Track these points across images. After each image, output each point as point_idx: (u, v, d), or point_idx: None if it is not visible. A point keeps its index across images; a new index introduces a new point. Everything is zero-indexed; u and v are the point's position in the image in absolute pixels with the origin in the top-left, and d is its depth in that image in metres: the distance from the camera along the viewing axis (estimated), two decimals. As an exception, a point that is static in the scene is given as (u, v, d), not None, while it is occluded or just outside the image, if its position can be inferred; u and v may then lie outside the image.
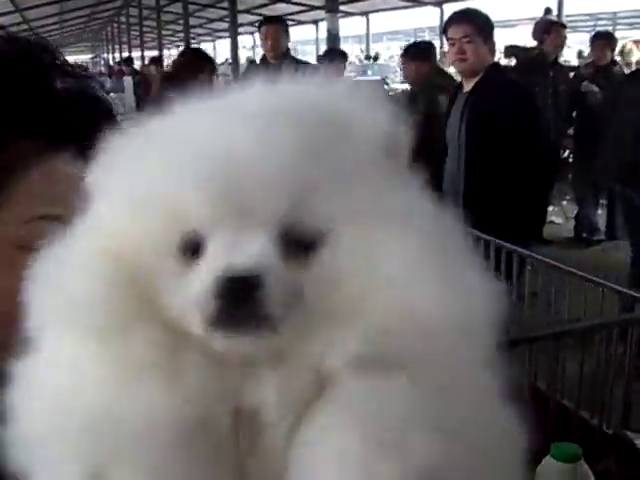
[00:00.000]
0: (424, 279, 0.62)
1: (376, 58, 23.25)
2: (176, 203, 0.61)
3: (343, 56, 8.99)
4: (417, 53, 6.42)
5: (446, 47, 4.83)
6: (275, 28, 6.44)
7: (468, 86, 4.22)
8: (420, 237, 0.64)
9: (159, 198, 0.62)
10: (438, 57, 8.36)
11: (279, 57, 6.39)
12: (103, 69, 24.00)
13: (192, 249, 0.62)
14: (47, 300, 0.65)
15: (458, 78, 4.99)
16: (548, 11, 12.81)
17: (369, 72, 19.65)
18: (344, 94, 0.68)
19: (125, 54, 30.82)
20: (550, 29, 7.85)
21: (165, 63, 16.68)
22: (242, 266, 0.59)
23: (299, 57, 6.72)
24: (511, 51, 10.74)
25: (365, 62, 21.57)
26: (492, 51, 4.28)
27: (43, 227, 0.89)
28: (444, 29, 4.33)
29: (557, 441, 1.62)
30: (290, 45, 6.68)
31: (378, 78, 19.51)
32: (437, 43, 9.49)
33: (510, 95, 4.14)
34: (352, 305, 0.62)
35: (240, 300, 0.59)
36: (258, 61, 6.79)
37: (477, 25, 4.16)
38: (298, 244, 0.62)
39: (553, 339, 2.19)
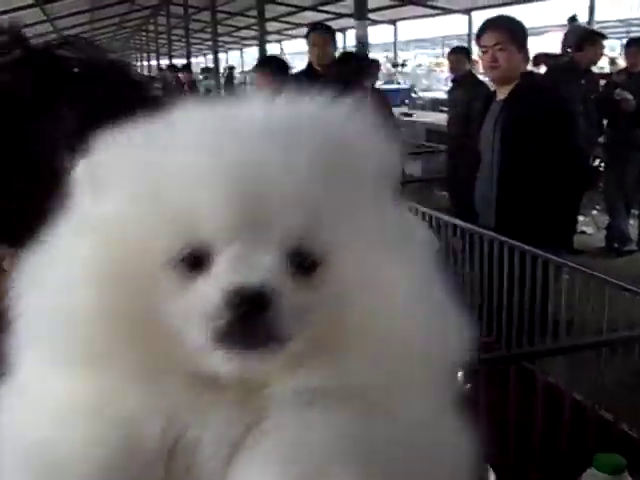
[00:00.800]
0: (424, 310, 0.63)
1: (403, 65, 23.28)
2: (188, 210, 0.59)
3: (375, 65, 8.98)
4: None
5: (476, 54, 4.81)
6: (323, 35, 6.40)
7: (501, 94, 4.19)
8: (417, 266, 0.64)
9: (170, 202, 0.59)
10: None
11: (326, 65, 6.30)
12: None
13: (197, 260, 0.60)
14: (29, 314, 0.62)
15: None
16: (574, 19, 12.58)
17: (398, 80, 19.70)
18: (352, 116, 0.67)
19: (153, 62, 31.06)
20: (588, 39, 7.77)
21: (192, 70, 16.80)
22: (254, 282, 0.58)
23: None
24: (541, 59, 10.66)
25: (392, 70, 21.62)
26: (526, 59, 4.26)
27: None
28: (477, 36, 4.30)
29: (598, 452, 1.59)
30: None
31: (406, 86, 19.62)
32: (466, 51, 9.43)
33: (546, 102, 4.10)
34: (353, 330, 0.61)
35: (251, 316, 0.57)
36: (304, 68, 6.76)
37: (511, 32, 4.12)
38: (306, 264, 0.61)
39: (592, 349, 2.16)
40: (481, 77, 8.24)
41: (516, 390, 2.05)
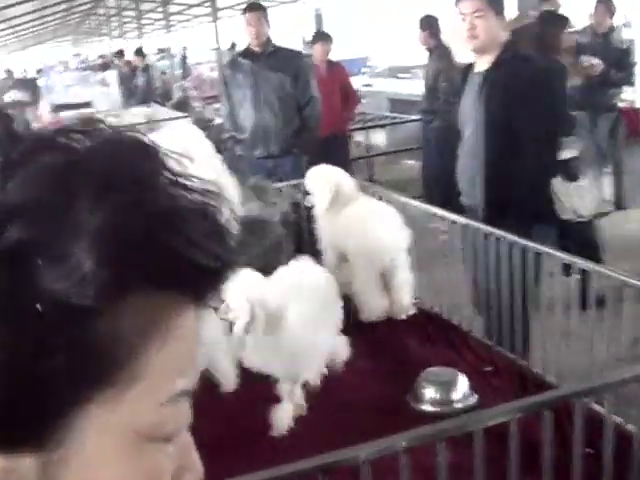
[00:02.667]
0: None
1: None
2: None
3: (328, 38, 8.74)
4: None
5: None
6: (258, 15, 6.29)
7: (482, 65, 3.98)
8: None
9: None
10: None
11: (263, 45, 6.26)
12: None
13: None
14: None
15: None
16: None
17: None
18: None
19: (105, 46, 30.46)
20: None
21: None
22: None
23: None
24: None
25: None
26: (503, 25, 4.04)
27: (180, 406, 0.64)
28: (455, 3, 4.04)
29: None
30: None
31: (360, 55, 19.33)
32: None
33: (533, 71, 3.91)
34: None
35: None
36: (241, 50, 6.60)
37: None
38: None
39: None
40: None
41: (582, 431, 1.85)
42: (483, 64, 3.96)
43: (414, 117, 9.82)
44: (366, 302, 3.22)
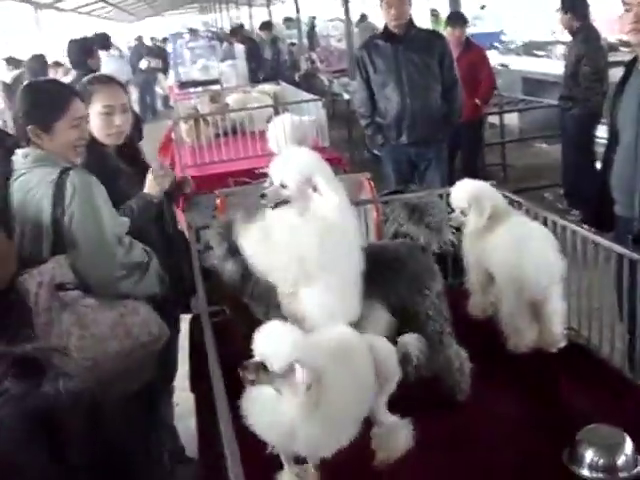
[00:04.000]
0: None
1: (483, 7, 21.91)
2: None
3: (464, 21, 8.35)
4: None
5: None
6: None
7: (647, 62, 3.56)
8: None
9: None
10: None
11: (404, 26, 5.84)
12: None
13: None
14: None
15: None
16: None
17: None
18: None
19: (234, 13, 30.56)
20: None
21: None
22: None
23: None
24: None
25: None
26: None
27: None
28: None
29: None
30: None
31: (494, 30, 18.57)
32: None
33: None
34: None
35: None
36: (378, 32, 6.21)
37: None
38: None
39: None
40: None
41: None
42: (650, 62, 3.54)
43: (551, 102, 9.27)
44: (514, 331, 2.92)
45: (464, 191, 3.17)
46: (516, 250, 2.89)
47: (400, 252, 2.67)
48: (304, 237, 2.35)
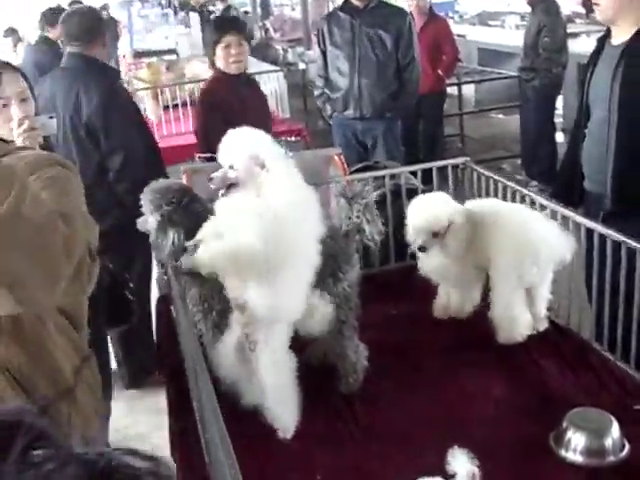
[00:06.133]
0: None
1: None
2: None
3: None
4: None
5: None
6: None
7: (617, 37, 3.52)
8: None
9: None
10: None
11: None
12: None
13: None
14: None
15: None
16: None
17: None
18: None
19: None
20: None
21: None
22: None
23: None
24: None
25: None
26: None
27: None
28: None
29: None
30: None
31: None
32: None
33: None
34: None
35: None
36: (341, 3, 6.11)
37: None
38: None
39: None
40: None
41: None
42: (622, 35, 3.50)
43: (511, 73, 9.28)
44: (509, 321, 2.80)
45: (433, 216, 2.81)
46: (519, 235, 2.79)
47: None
48: (249, 230, 2.13)
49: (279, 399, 2.31)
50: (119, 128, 4.12)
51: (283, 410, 2.34)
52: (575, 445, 2.19)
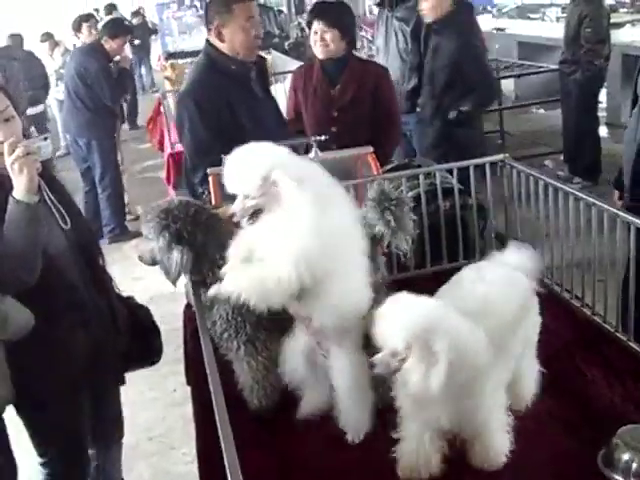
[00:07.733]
0: None
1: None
2: None
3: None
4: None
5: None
6: None
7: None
8: None
9: None
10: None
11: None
12: None
13: None
14: None
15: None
16: None
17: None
18: None
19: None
20: None
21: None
22: None
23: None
24: None
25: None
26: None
27: None
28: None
29: None
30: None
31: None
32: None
33: None
34: None
35: None
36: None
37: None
38: None
39: None
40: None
41: None
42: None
43: (552, 66, 9.03)
44: None
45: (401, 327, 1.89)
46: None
47: None
48: (280, 258, 2.00)
49: (353, 402, 2.26)
50: None
51: (356, 414, 2.27)
52: (626, 466, 2.01)
